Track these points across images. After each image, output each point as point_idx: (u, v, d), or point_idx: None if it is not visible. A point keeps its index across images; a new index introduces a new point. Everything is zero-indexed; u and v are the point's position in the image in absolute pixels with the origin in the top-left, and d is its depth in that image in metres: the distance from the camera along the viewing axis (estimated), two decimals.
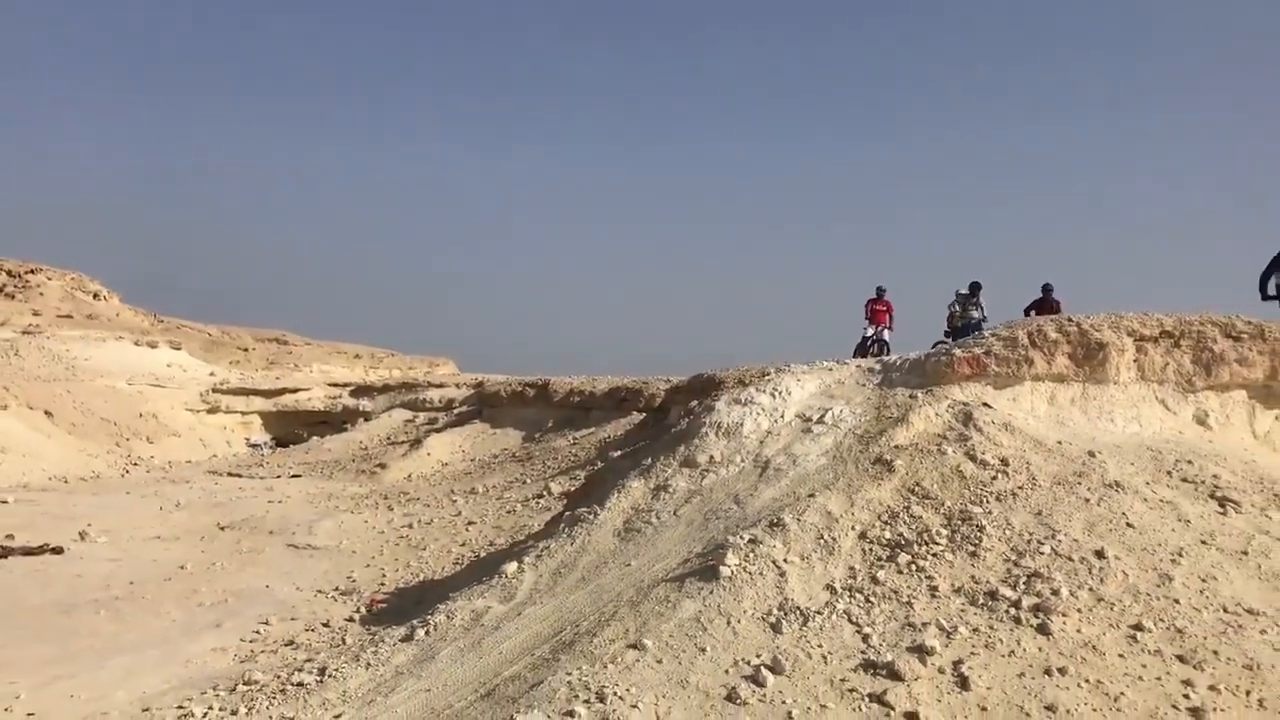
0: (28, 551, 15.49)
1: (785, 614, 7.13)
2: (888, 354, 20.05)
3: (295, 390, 50.72)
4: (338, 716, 7.16)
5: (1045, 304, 20.37)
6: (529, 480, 24.86)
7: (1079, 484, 8.71)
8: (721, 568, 7.61)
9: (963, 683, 6.26)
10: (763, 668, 6.46)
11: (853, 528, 8.22)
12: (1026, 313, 17.08)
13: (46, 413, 34.95)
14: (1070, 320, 10.80)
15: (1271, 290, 12.02)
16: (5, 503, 21.91)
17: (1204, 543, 7.98)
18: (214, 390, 47.61)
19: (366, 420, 45.35)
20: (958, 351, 10.65)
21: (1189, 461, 9.58)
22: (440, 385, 47.86)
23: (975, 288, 20.67)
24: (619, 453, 9.79)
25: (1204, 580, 7.43)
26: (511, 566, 9.43)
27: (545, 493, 21.50)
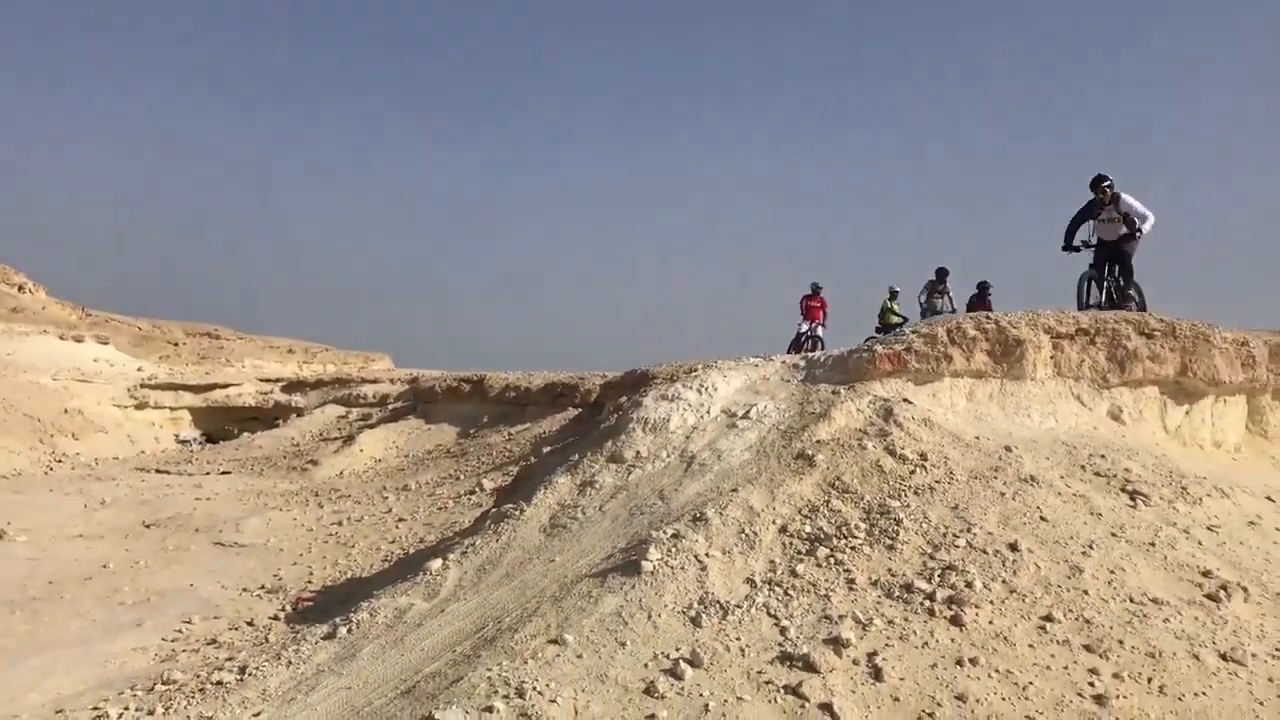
0: None
1: (705, 608, 7.20)
2: (821, 349, 20.26)
3: (226, 386, 49.99)
4: (257, 715, 7.11)
5: (981, 302, 20.74)
6: (462, 476, 24.76)
7: (995, 478, 8.89)
8: (644, 562, 7.67)
9: (877, 674, 6.37)
10: (681, 661, 6.53)
11: (774, 522, 8.32)
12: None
13: None
14: (989, 318, 11.02)
15: (1077, 242, 12.46)
16: None
17: (1114, 535, 8.20)
18: (142, 385, 46.75)
19: (299, 416, 44.84)
20: (879, 348, 10.81)
21: (1102, 456, 9.81)
22: (375, 381, 47.44)
23: (942, 274, 20.77)
24: (550, 449, 9.79)
25: (1112, 571, 7.63)
26: (436, 564, 9.41)
27: (478, 489, 21.44)
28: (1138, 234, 12.28)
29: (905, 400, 10.17)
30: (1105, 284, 12.63)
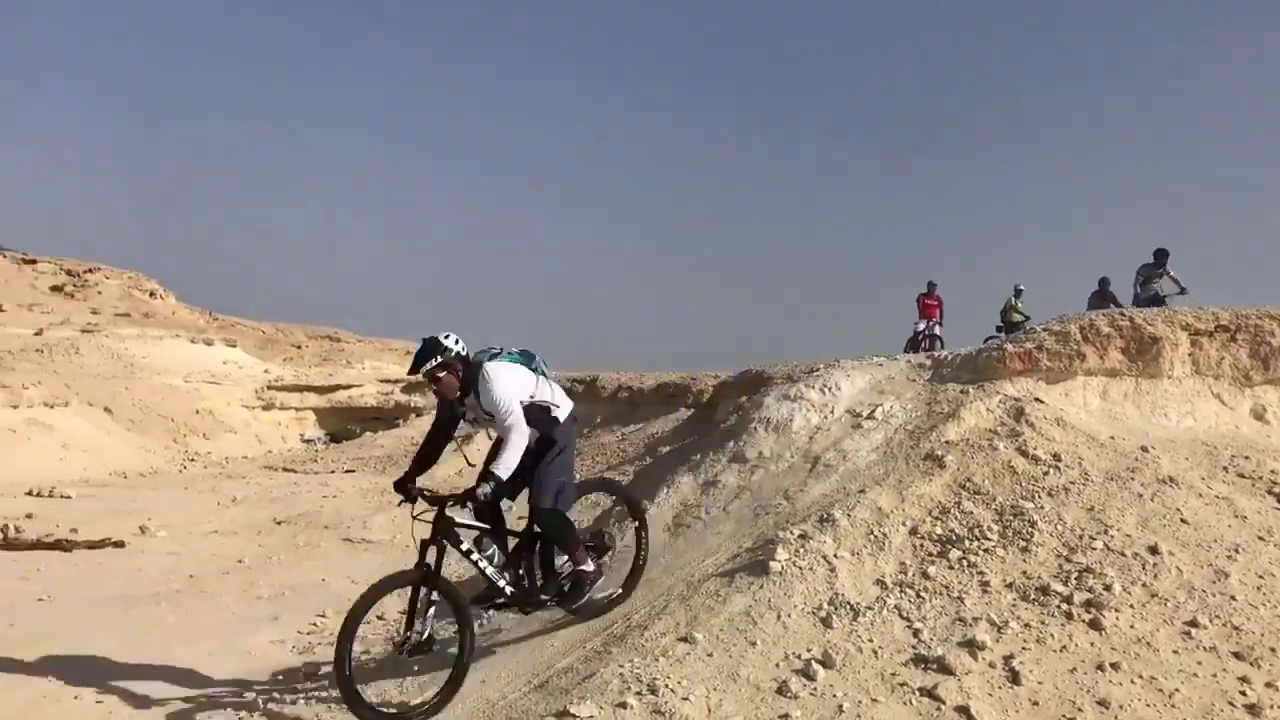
0: (91, 545, 15.85)
1: (835, 609, 7.16)
2: (940, 348, 19.88)
3: (348, 387, 51.45)
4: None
5: (1102, 296, 20.03)
6: (578, 476, 24.96)
7: (1132, 479, 8.65)
8: (771, 562, 7.66)
9: (1014, 677, 6.27)
10: (813, 661, 6.51)
11: (903, 523, 8.23)
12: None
13: (106, 410, 35.76)
14: (1123, 314, 10.71)
15: None
16: (68, 498, 22.44)
17: (1261, 539, 7.91)
18: (269, 387, 48.41)
19: (418, 416, 45.83)
20: (1009, 346, 10.59)
21: (1245, 457, 9.47)
22: None
23: (1161, 255, 18.65)
24: (668, 449, 9.85)
25: (1261, 577, 7.36)
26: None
27: None
28: None
29: (1037, 399, 9.94)
30: None
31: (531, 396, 7.38)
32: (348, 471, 31.86)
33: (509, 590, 7.50)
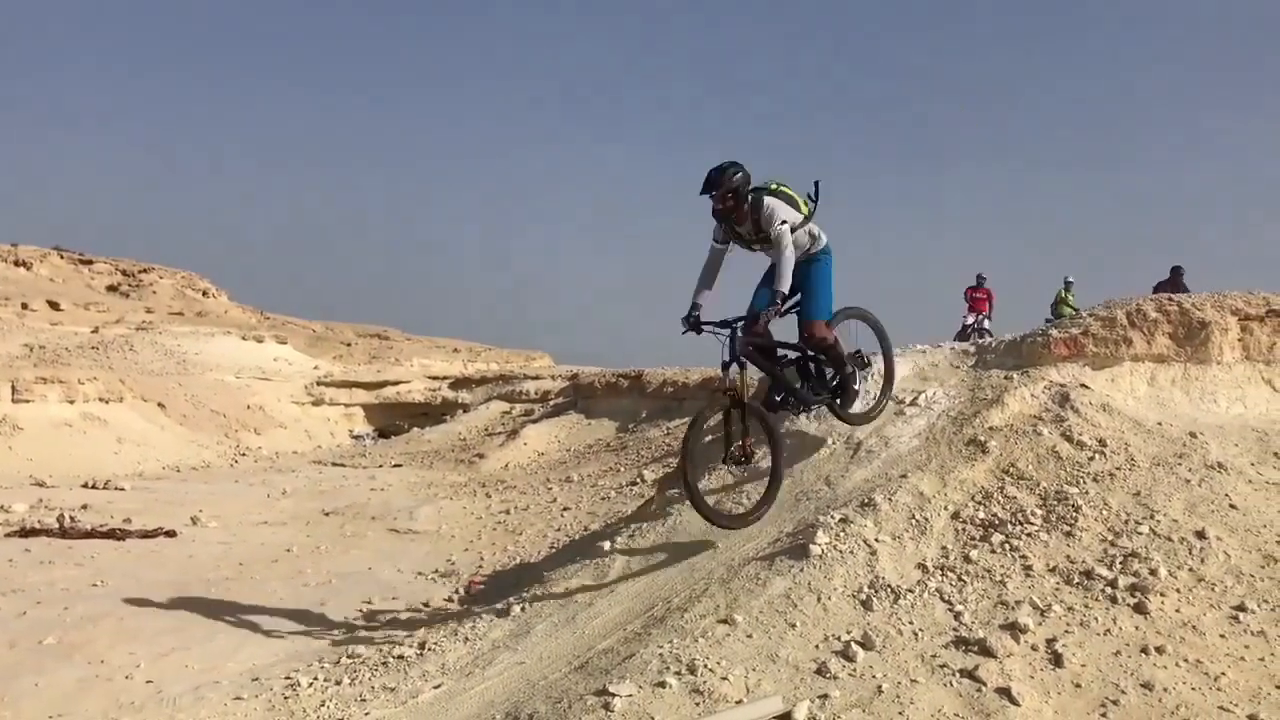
0: (144, 534, 16.17)
1: (876, 591, 7.14)
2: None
3: (396, 383, 51.71)
4: (437, 687, 7.37)
5: (1174, 287, 19.59)
6: (623, 469, 25.05)
7: (1179, 465, 8.53)
8: (811, 546, 7.64)
9: (1057, 660, 6.21)
10: (853, 643, 6.49)
11: (945, 508, 8.17)
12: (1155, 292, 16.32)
13: (159, 405, 36.27)
14: (1170, 299, 10.54)
15: None
16: (122, 490, 22.84)
17: None
18: (318, 383, 48.81)
19: (465, 412, 46.03)
20: (1054, 332, 10.48)
21: None
22: (536, 378, 48.35)
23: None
24: (711, 440, 9.84)
25: None
26: (605, 546, 9.58)
27: (639, 480, 21.68)
28: None
29: (1082, 385, 9.82)
30: None
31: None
32: (395, 466, 32.08)
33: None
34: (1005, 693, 5.89)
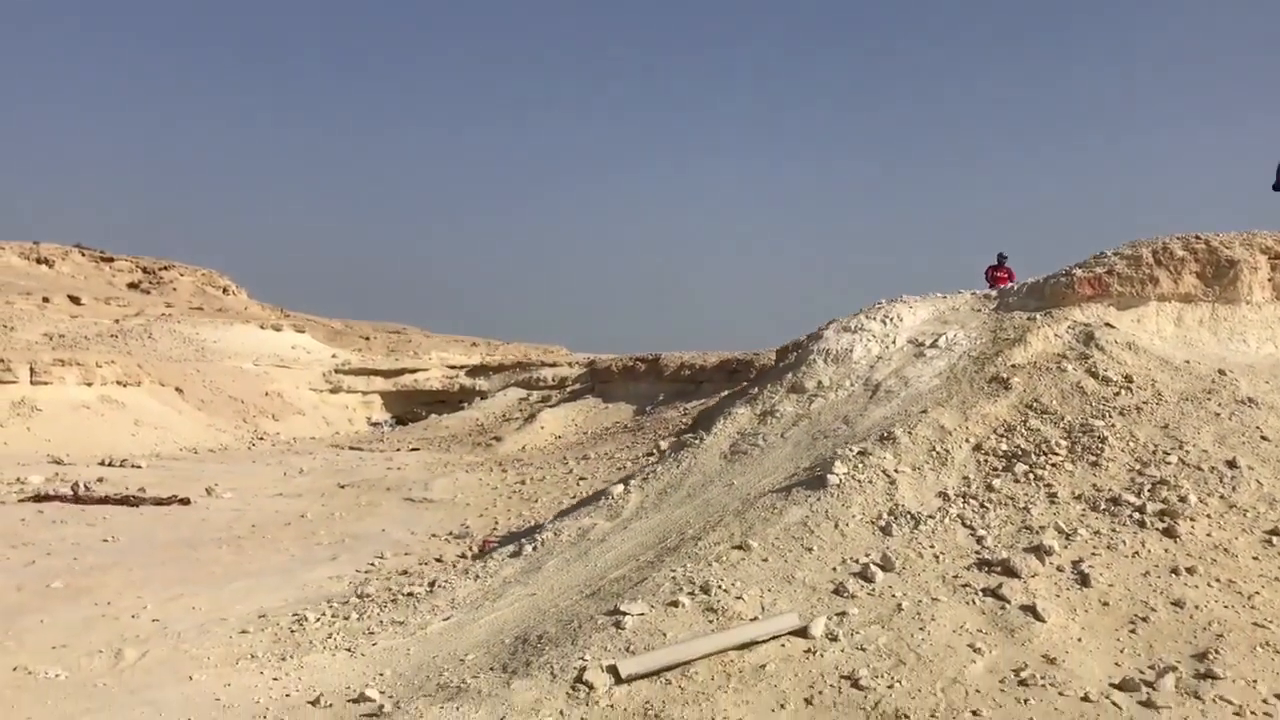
0: (158, 501, 16.07)
1: (895, 518, 6.95)
2: None
3: (414, 371, 51.64)
4: (446, 619, 7.22)
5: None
6: (639, 446, 24.86)
7: (1209, 400, 8.29)
8: (829, 476, 7.46)
9: (1083, 580, 6.01)
10: (872, 565, 6.31)
11: (967, 440, 7.97)
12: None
13: (177, 389, 36.26)
14: (1198, 238, 10.23)
15: None
16: (139, 467, 22.78)
17: None
18: (336, 371, 48.79)
19: (483, 399, 45.89)
20: (1078, 272, 10.20)
21: None
22: (553, 365, 48.20)
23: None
24: (727, 393, 9.68)
25: None
26: (618, 489, 9.42)
27: (655, 450, 21.47)
28: None
29: (1107, 325, 9.57)
30: None
31: None
32: (412, 449, 31.96)
33: None
34: (1030, 610, 5.70)
